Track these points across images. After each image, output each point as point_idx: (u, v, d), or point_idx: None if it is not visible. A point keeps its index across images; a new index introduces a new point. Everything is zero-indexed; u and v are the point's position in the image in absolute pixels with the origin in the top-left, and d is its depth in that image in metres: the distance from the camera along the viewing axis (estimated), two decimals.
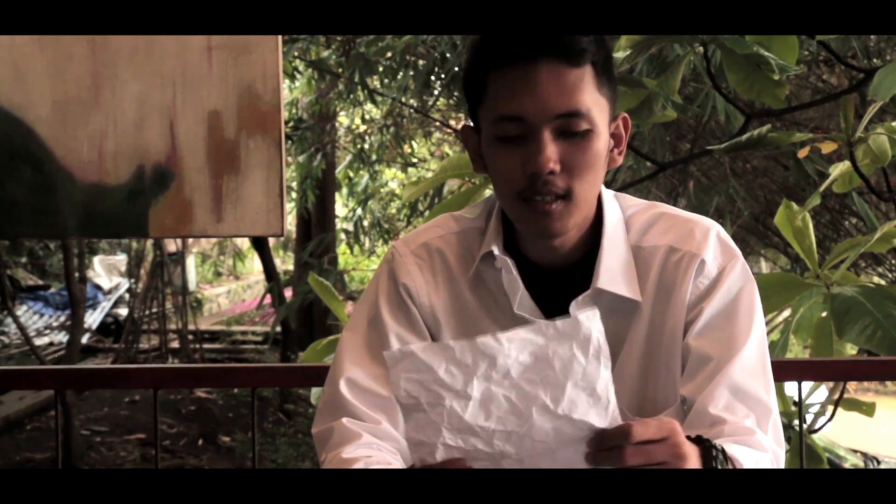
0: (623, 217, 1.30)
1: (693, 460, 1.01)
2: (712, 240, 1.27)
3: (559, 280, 1.27)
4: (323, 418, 1.28)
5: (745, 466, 1.11)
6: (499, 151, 1.21)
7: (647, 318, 1.26)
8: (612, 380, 0.96)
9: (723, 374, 1.20)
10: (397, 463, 1.21)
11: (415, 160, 8.49)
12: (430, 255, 1.32)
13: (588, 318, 0.96)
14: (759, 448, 1.16)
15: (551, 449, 0.98)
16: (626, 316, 1.27)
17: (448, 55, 5.05)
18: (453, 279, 1.31)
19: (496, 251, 1.27)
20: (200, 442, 7.21)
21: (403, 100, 6.57)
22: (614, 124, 1.25)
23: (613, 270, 1.25)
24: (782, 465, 1.22)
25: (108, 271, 12.40)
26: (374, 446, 1.22)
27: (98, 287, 11.52)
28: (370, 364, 1.27)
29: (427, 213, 5.73)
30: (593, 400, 0.96)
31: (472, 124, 1.29)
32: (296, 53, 6.02)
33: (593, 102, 1.18)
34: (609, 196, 1.31)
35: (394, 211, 8.60)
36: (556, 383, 0.96)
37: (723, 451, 1.06)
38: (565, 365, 0.95)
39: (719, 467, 1.04)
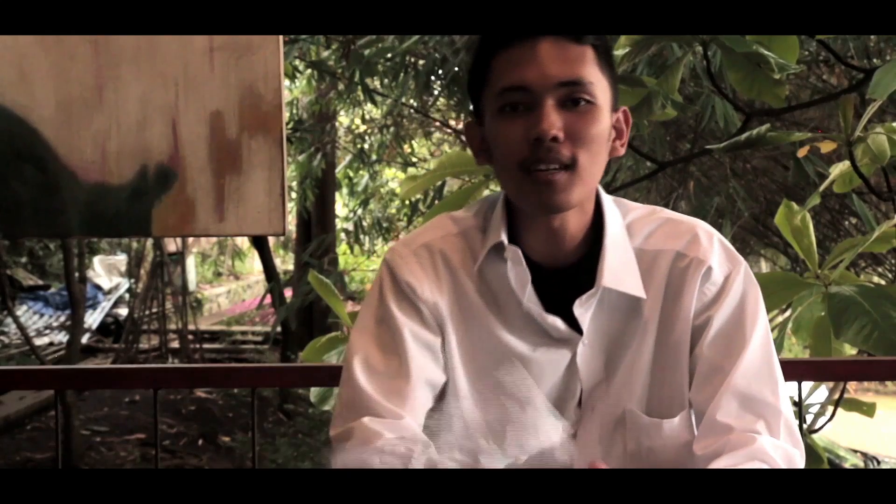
0: (624, 220, 1.31)
1: None
2: (717, 246, 1.28)
3: (561, 280, 1.28)
4: (342, 419, 1.24)
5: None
6: (502, 123, 1.21)
7: (656, 323, 1.27)
8: None
9: (729, 382, 1.21)
10: (412, 463, 1.16)
11: (415, 160, 8.47)
12: (431, 255, 1.31)
13: None
14: (764, 456, 1.16)
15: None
16: (631, 314, 1.27)
17: (448, 57, 5.05)
18: (456, 277, 1.30)
19: (506, 241, 1.27)
20: (200, 442, 7.21)
21: (403, 100, 6.57)
22: (615, 116, 1.26)
23: (617, 269, 1.25)
24: (800, 465, 1.21)
25: (108, 271, 12.40)
26: (389, 446, 1.17)
27: (98, 287, 11.52)
28: (384, 359, 1.25)
29: (427, 212, 5.72)
30: None
31: (474, 120, 1.30)
32: (296, 54, 6.01)
33: (595, 78, 1.20)
34: (609, 200, 1.31)
35: (394, 211, 8.59)
36: None
37: None
38: None
39: None
